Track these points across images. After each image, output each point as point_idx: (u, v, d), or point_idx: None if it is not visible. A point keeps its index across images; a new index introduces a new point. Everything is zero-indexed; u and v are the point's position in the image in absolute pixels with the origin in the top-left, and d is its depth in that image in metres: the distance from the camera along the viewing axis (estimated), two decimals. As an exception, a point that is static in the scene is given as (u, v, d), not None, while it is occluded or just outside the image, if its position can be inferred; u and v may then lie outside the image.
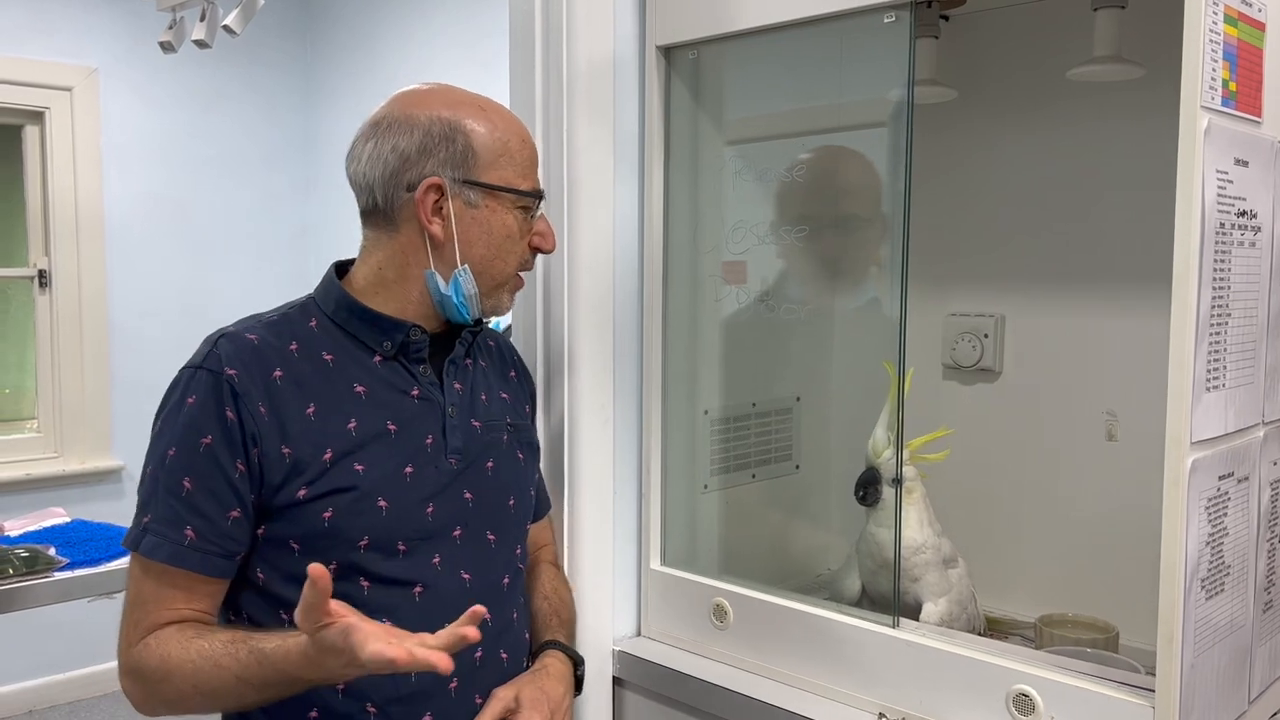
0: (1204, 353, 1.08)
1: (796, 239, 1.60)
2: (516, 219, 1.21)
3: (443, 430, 1.20)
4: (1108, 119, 1.57)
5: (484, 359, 1.33)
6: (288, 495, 1.11)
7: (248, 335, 1.15)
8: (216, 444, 1.09)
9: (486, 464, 1.25)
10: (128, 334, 3.84)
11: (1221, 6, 1.07)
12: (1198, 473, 1.09)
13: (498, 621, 1.22)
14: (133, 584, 1.12)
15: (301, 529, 1.11)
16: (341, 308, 1.20)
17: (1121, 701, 1.13)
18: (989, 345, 1.71)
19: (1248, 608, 1.22)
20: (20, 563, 2.03)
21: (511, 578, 1.27)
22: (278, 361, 1.14)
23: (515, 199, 1.20)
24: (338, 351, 1.18)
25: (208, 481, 1.09)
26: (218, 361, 1.11)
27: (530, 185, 1.22)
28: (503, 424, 1.29)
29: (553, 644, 1.30)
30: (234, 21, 2.62)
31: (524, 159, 1.22)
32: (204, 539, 1.09)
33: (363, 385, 1.17)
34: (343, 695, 1.12)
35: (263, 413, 1.10)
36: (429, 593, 1.16)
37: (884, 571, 1.44)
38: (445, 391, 1.22)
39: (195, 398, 1.11)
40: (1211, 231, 1.07)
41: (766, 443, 1.72)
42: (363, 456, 1.14)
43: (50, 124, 3.67)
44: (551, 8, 1.47)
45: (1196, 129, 1.05)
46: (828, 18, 1.34)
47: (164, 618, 1.10)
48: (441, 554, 1.18)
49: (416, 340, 1.20)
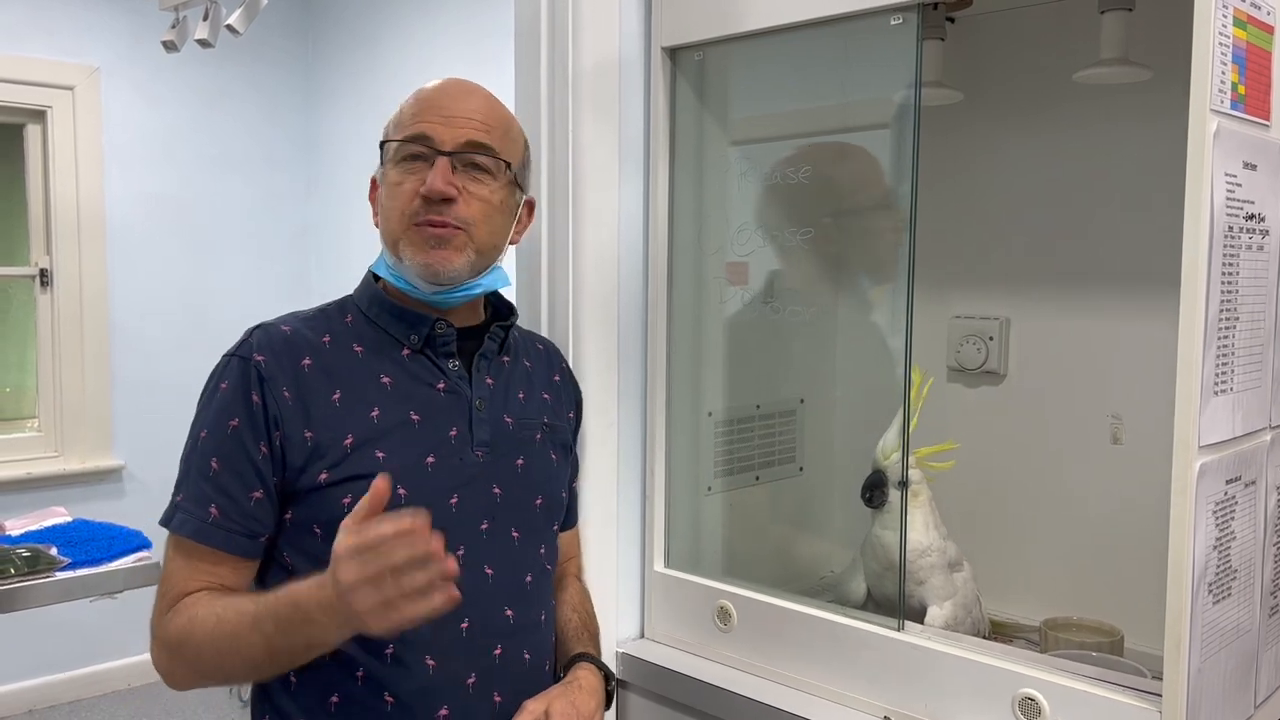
0: (1212, 356, 1.08)
1: (801, 240, 1.60)
2: (401, 171, 1.19)
3: (469, 423, 1.21)
4: (1114, 122, 1.57)
5: (529, 359, 1.34)
6: (309, 479, 1.13)
7: (282, 327, 1.19)
8: (242, 426, 1.13)
9: (516, 460, 1.25)
10: (129, 333, 3.84)
11: (1231, 9, 1.07)
12: (1205, 477, 1.08)
13: (521, 619, 1.22)
14: (166, 561, 1.16)
15: (324, 514, 1.13)
16: (374, 303, 1.23)
17: (1127, 706, 1.13)
18: (994, 348, 1.71)
19: (1254, 612, 1.22)
20: (22, 562, 2.03)
21: (536, 577, 1.26)
22: (308, 351, 1.17)
23: (396, 149, 1.19)
24: (368, 344, 1.21)
25: (233, 463, 1.13)
26: (249, 349, 1.16)
27: (404, 133, 1.19)
28: (539, 423, 1.29)
29: (584, 656, 1.29)
30: (237, 21, 2.62)
31: (406, 113, 1.20)
32: (227, 517, 1.12)
33: (389, 376, 1.19)
34: (362, 683, 1.14)
35: (287, 397, 1.14)
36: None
37: (889, 574, 1.44)
38: (474, 385, 1.23)
39: (228, 383, 1.15)
40: (1220, 235, 1.07)
41: (770, 445, 1.71)
42: (384, 445, 1.15)
43: (52, 123, 3.67)
44: (557, 8, 1.47)
45: (1205, 132, 1.04)
46: (834, 19, 1.34)
47: (191, 587, 1.13)
48: (466, 546, 1.18)
49: (443, 334, 1.22)
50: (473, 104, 1.21)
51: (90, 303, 3.76)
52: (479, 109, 1.21)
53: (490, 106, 1.23)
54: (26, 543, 2.17)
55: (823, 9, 1.34)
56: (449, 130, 1.18)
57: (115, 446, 3.82)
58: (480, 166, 1.19)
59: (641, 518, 1.58)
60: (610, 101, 1.49)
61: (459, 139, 1.18)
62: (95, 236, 3.77)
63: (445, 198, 1.16)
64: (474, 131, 1.19)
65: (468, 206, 1.18)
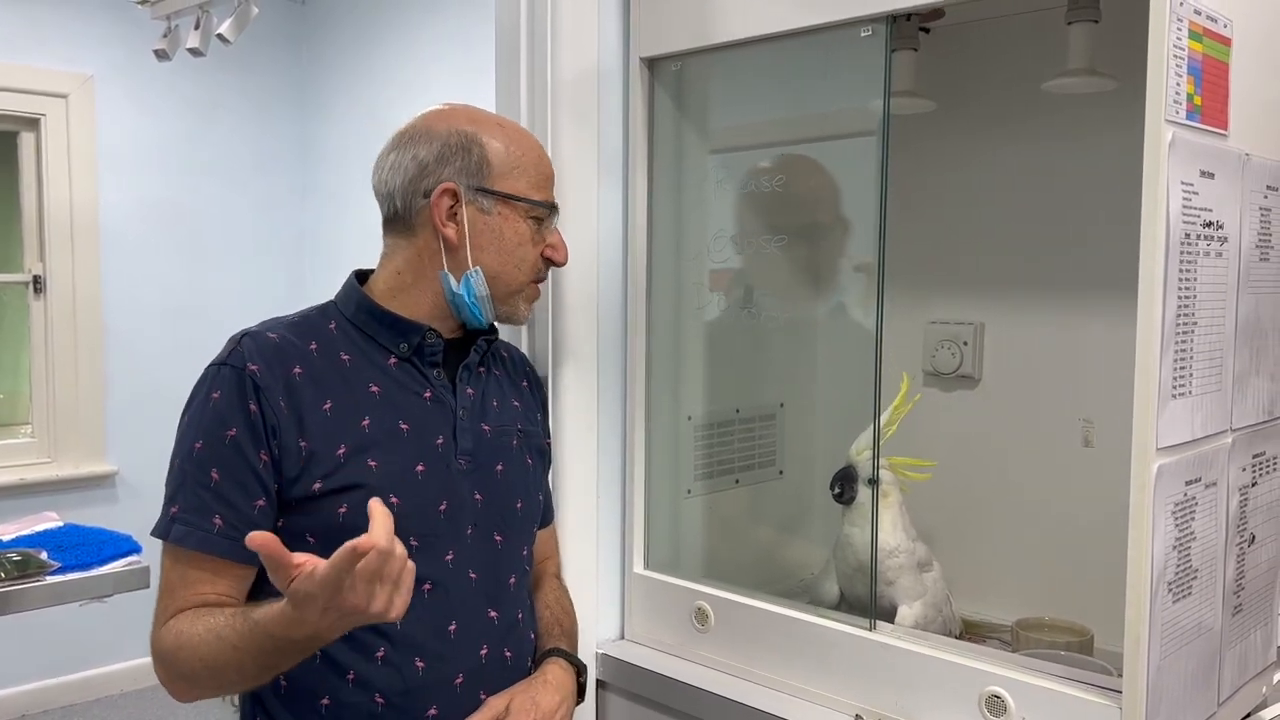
0: (1169, 360, 1.10)
1: (777, 247, 1.62)
2: (529, 228, 1.27)
3: (453, 432, 1.24)
4: (1083, 130, 1.60)
5: (498, 368, 1.37)
6: (304, 488, 1.15)
7: (269, 334, 1.20)
8: (241, 436, 1.14)
9: (496, 467, 1.28)
10: (122, 340, 3.86)
11: (1186, 23, 1.09)
12: (1164, 478, 1.11)
13: (503, 620, 1.26)
14: (163, 574, 1.17)
15: (317, 522, 1.15)
16: (361, 310, 1.25)
17: (1090, 703, 1.15)
18: (968, 352, 1.74)
19: (1216, 611, 1.24)
20: (12, 566, 2.05)
21: (518, 578, 1.30)
22: (298, 359, 1.19)
23: (527, 208, 1.26)
24: (354, 353, 1.23)
25: (234, 472, 1.14)
26: (241, 358, 1.16)
27: (543, 197, 1.28)
28: (513, 429, 1.33)
29: (555, 651, 1.32)
30: (228, 30, 2.65)
31: (539, 173, 1.28)
32: (231, 526, 1.13)
33: (377, 385, 1.22)
34: (353, 685, 1.16)
35: (282, 406, 1.15)
36: (438, 590, 1.20)
37: (859, 574, 1.46)
38: (457, 395, 1.26)
39: (220, 393, 1.15)
40: (1176, 242, 1.10)
41: (750, 448, 1.74)
42: (376, 454, 1.18)
43: (46, 131, 3.69)
44: (536, 19, 1.49)
45: (1161, 142, 1.07)
46: (807, 31, 1.37)
47: (190, 602, 1.14)
48: (454, 551, 1.22)
49: (431, 343, 1.25)
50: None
51: (84, 309, 3.78)
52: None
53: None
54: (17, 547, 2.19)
55: (796, 20, 1.37)
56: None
57: (108, 452, 3.84)
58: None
59: (621, 520, 1.61)
60: (589, 111, 1.52)
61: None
62: (89, 243, 3.79)
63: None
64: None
65: None
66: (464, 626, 1.21)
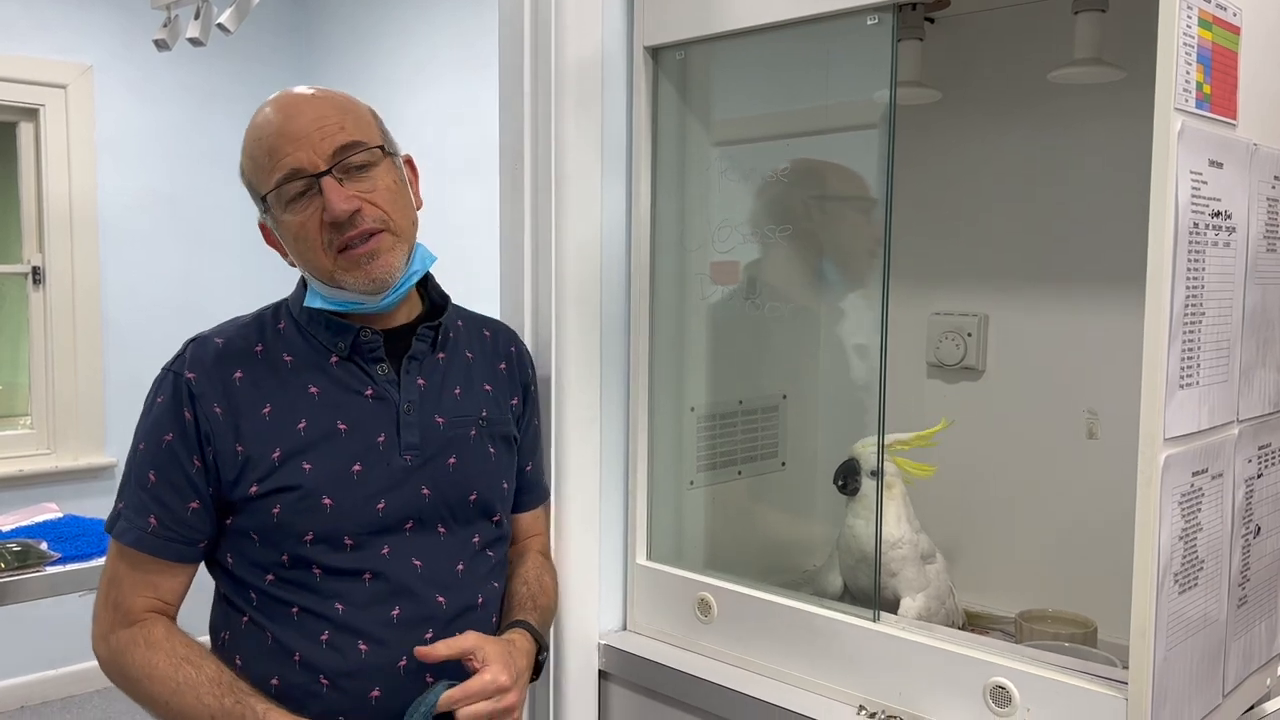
0: (1177, 351, 1.10)
1: (781, 238, 1.62)
2: (297, 210, 1.19)
3: (397, 428, 1.24)
4: (1089, 120, 1.59)
5: (471, 350, 1.35)
6: (242, 491, 1.18)
7: (215, 339, 1.23)
8: (176, 442, 1.19)
9: (448, 460, 1.27)
10: (121, 330, 3.85)
11: (1195, 11, 1.09)
12: (1171, 469, 1.10)
13: (453, 604, 1.25)
14: (109, 562, 1.22)
15: (257, 522, 1.19)
16: (304, 311, 1.26)
17: (1095, 694, 1.15)
18: (972, 344, 1.73)
19: (1222, 603, 1.24)
20: (12, 557, 2.05)
21: (468, 563, 1.28)
22: (239, 363, 1.21)
23: (277, 196, 1.19)
24: (297, 354, 1.24)
25: (169, 475, 1.19)
26: (182, 365, 1.21)
27: (280, 175, 1.18)
28: (473, 418, 1.31)
29: (521, 623, 1.30)
30: (228, 20, 2.63)
31: (269, 155, 1.19)
32: (165, 526, 1.19)
33: (317, 386, 1.23)
34: (299, 666, 1.18)
35: (218, 413, 1.18)
36: (378, 579, 1.21)
37: (862, 566, 1.46)
38: (403, 389, 1.25)
39: (163, 398, 1.21)
40: (1185, 232, 1.09)
41: (753, 440, 1.73)
42: (311, 456, 1.20)
43: (45, 121, 3.68)
44: (540, 8, 1.48)
45: (1170, 131, 1.06)
46: (812, 19, 1.36)
47: (138, 604, 1.20)
48: (391, 545, 1.23)
49: (368, 340, 1.25)
50: (314, 112, 1.20)
51: (83, 300, 3.77)
52: (322, 112, 1.20)
53: (327, 102, 1.22)
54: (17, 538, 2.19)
55: (801, 9, 1.36)
56: (311, 150, 1.17)
57: (107, 443, 3.84)
58: (359, 164, 1.20)
59: (624, 511, 1.60)
60: (593, 100, 1.51)
61: (325, 151, 1.18)
62: (88, 234, 3.78)
63: (351, 212, 1.17)
64: (334, 136, 1.18)
65: (373, 206, 1.19)
66: (407, 612, 1.22)
